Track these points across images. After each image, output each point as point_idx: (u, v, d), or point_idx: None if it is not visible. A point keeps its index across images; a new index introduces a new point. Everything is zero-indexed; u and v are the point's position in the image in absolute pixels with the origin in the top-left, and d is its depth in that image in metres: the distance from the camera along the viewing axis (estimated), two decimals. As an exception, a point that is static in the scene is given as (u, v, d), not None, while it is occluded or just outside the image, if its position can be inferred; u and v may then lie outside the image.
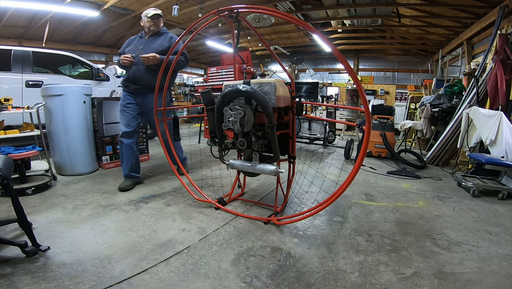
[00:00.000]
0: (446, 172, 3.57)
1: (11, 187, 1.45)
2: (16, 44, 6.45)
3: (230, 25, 2.27)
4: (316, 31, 1.53)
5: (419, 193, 2.75)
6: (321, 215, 2.14)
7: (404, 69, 9.17)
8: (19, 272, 1.36)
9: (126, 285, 1.31)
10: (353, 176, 1.59)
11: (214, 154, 2.22)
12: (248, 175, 2.33)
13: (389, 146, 4.11)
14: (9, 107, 2.65)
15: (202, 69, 12.44)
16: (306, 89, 5.10)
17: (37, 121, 2.72)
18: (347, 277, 1.40)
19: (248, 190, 2.71)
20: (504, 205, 2.47)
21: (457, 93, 4.74)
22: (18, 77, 3.78)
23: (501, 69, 3.24)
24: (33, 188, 2.45)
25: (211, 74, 5.27)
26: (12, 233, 1.74)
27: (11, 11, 5.48)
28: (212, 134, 2.13)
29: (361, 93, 1.49)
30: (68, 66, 4.98)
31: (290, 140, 2.16)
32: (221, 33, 7.60)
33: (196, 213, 2.13)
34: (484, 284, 1.37)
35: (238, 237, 1.79)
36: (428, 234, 1.89)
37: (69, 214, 2.06)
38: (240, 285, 1.33)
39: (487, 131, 2.99)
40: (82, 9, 5.41)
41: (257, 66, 10.20)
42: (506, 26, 3.59)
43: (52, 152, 3.10)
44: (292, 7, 5.72)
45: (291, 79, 2.24)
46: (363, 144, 1.54)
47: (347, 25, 6.83)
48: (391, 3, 5.14)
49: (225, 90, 1.92)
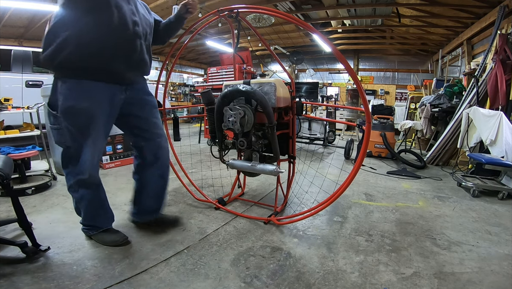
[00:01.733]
0: (446, 172, 3.57)
1: (11, 187, 1.45)
2: (16, 44, 6.45)
3: (230, 25, 2.27)
4: (316, 31, 1.53)
5: (419, 193, 2.75)
6: (321, 215, 2.14)
7: (404, 69, 9.17)
8: (19, 272, 1.36)
9: (126, 285, 1.31)
10: (353, 176, 1.59)
11: (214, 154, 2.22)
12: (248, 175, 2.33)
13: (389, 146, 4.11)
14: (9, 107, 2.65)
15: (202, 69, 12.43)
16: (306, 89, 5.11)
17: (37, 121, 2.72)
18: (347, 277, 1.40)
19: (248, 190, 2.71)
20: (504, 205, 2.47)
21: (457, 93, 4.74)
22: (18, 77, 3.78)
23: (501, 69, 3.24)
24: (33, 188, 2.45)
25: (211, 74, 5.27)
26: (12, 233, 1.74)
27: (11, 11, 5.48)
28: (212, 134, 2.13)
29: (361, 93, 1.49)
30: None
31: (290, 140, 2.16)
32: (221, 33, 7.60)
33: (196, 213, 2.13)
34: (484, 284, 1.37)
35: (238, 237, 1.79)
36: (428, 234, 1.89)
37: (69, 214, 2.05)
38: (240, 285, 1.33)
39: (487, 131, 2.99)
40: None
41: (257, 66, 10.20)
42: (506, 26, 3.59)
43: (52, 152, 3.10)
44: (292, 7, 5.72)
45: (291, 79, 2.24)
46: (363, 144, 1.54)
47: (347, 25, 6.82)
48: (391, 3, 5.14)
49: (225, 90, 1.92)
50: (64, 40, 1.34)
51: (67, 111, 1.45)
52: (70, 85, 1.44)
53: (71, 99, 1.44)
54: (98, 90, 1.48)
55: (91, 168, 1.55)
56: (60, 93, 1.45)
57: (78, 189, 1.59)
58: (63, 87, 1.44)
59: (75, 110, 1.45)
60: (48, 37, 1.38)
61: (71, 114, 1.45)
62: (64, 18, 1.37)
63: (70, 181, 1.59)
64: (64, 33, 1.34)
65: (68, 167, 1.57)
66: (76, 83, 1.44)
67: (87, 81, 1.45)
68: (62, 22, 1.37)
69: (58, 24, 1.37)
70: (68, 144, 1.51)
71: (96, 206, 1.65)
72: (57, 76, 1.47)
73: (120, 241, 1.66)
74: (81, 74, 1.43)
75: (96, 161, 1.60)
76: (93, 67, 1.44)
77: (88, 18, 1.36)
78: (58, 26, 1.36)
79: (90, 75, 1.45)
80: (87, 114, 1.47)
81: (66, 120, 1.46)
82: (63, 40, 1.34)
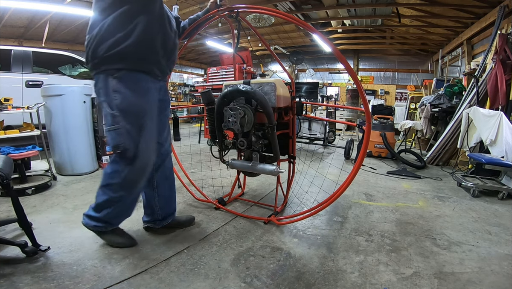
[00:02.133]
0: (446, 172, 3.57)
1: (11, 187, 1.45)
2: (16, 44, 6.46)
3: (230, 25, 2.27)
4: (316, 31, 1.53)
5: (419, 193, 2.75)
6: (321, 215, 2.14)
7: (404, 69, 9.17)
8: (19, 272, 1.36)
9: (126, 285, 1.31)
10: (353, 176, 1.59)
11: (214, 154, 2.22)
12: (248, 175, 2.33)
13: (389, 146, 4.11)
14: (9, 107, 2.65)
15: (202, 69, 12.43)
16: (306, 89, 5.11)
17: (37, 121, 2.72)
18: (347, 277, 1.40)
19: (248, 190, 2.71)
20: (504, 205, 2.47)
21: (457, 93, 4.74)
22: (18, 77, 3.78)
23: (501, 69, 3.24)
24: (33, 188, 2.45)
25: (211, 74, 5.27)
26: (12, 233, 1.74)
27: (11, 11, 5.48)
28: (212, 134, 2.13)
29: (361, 93, 1.49)
30: (68, 66, 4.97)
31: (290, 140, 2.16)
32: (221, 33, 7.60)
33: (196, 213, 2.13)
34: (484, 284, 1.37)
35: (238, 237, 1.79)
36: (428, 234, 1.89)
37: (69, 214, 2.06)
38: (240, 285, 1.33)
39: (487, 131, 2.99)
40: (82, 9, 5.40)
41: (257, 66, 10.20)
42: (506, 26, 3.59)
43: (52, 152, 3.10)
44: (292, 7, 5.72)
45: (291, 79, 2.24)
46: (363, 144, 1.54)
47: (347, 25, 6.82)
48: (391, 3, 5.14)
49: (225, 90, 1.92)
50: (127, 33, 1.34)
51: (127, 108, 1.39)
52: (127, 81, 1.39)
53: (131, 96, 1.39)
54: (150, 86, 1.47)
55: (149, 168, 1.52)
56: (116, 91, 1.39)
57: (119, 189, 1.50)
58: (120, 85, 1.38)
59: (136, 107, 1.41)
60: (108, 29, 1.34)
61: (131, 112, 1.40)
62: (123, 12, 1.35)
63: (113, 180, 1.48)
64: (125, 26, 1.34)
65: (118, 164, 1.47)
66: (134, 78, 1.41)
67: (143, 76, 1.44)
68: (123, 15, 1.35)
69: (117, 17, 1.35)
70: (127, 145, 1.42)
71: (127, 207, 1.59)
72: (110, 73, 1.39)
73: (128, 245, 1.63)
74: (139, 68, 1.42)
75: (153, 160, 1.56)
76: (148, 62, 1.44)
77: (145, 14, 1.38)
78: (117, 19, 1.35)
79: (146, 70, 1.44)
80: (146, 110, 1.45)
81: (125, 119, 1.40)
82: (127, 32, 1.34)
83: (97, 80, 1.45)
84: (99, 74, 1.43)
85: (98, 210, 1.57)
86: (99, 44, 1.36)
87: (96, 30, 1.37)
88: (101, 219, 1.57)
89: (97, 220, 1.58)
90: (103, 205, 1.55)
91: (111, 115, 1.41)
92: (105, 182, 1.51)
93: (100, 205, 1.55)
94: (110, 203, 1.53)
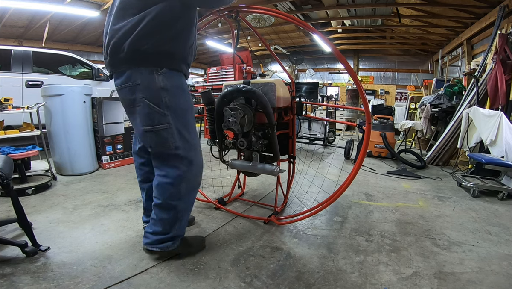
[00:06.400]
0: (446, 172, 3.57)
1: (11, 187, 1.45)
2: (16, 44, 6.46)
3: (230, 25, 2.27)
4: (316, 31, 1.53)
5: (419, 193, 2.75)
6: (321, 215, 2.14)
7: (404, 69, 9.17)
8: (19, 272, 1.36)
9: (126, 285, 1.31)
10: (353, 176, 1.59)
11: (214, 154, 2.22)
12: (248, 175, 2.33)
13: (389, 146, 4.11)
14: (9, 107, 2.65)
15: (202, 69, 12.43)
16: (306, 89, 5.11)
17: (37, 121, 2.72)
18: (347, 277, 1.40)
19: (248, 190, 2.71)
20: (504, 205, 2.47)
21: (457, 93, 4.74)
22: (18, 77, 3.78)
23: (501, 69, 3.24)
24: (33, 188, 2.45)
25: (211, 74, 5.27)
26: (12, 233, 1.74)
27: (11, 11, 5.48)
28: (212, 134, 2.13)
29: (361, 93, 1.49)
30: (68, 66, 4.97)
31: (290, 140, 2.16)
32: (221, 33, 7.60)
33: (196, 213, 2.13)
34: (484, 284, 1.37)
35: (238, 237, 1.79)
36: (428, 234, 1.89)
37: (69, 214, 2.06)
38: (240, 285, 1.33)
39: (487, 131, 2.99)
40: (82, 9, 5.41)
41: (257, 66, 10.19)
42: (506, 26, 3.59)
43: (52, 152, 3.10)
44: (292, 7, 5.72)
45: (291, 79, 2.24)
46: (363, 144, 1.54)
47: (347, 25, 6.82)
48: (391, 3, 5.14)
49: (225, 90, 1.92)
50: (176, 33, 1.31)
51: (177, 106, 1.36)
52: (175, 79, 1.36)
53: (179, 94, 1.37)
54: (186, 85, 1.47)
55: (202, 166, 1.50)
56: (164, 88, 1.32)
57: (189, 192, 1.44)
58: (168, 82, 1.33)
59: (184, 105, 1.39)
60: (153, 23, 1.25)
61: (180, 109, 1.37)
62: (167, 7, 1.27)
63: (177, 187, 1.39)
64: (171, 24, 1.29)
65: (178, 168, 1.39)
66: (178, 76, 1.38)
67: (182, 75, 1.43)
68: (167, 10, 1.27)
69: (161, 13, 1.26)
70: (177, 144, 1.36)
71: (190, 209, 1.53)
72: (155, 69, 1.31)
73: (203, 245, 1.63)
74: (179, 68, 1.38)
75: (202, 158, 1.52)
76: (186, 63, 1.44)
77: (190, 14, 1.37)
78: (161, 15, 1.26)
79: (183, 70, 1.43)
80: (191, 108, 1.42)
81: (176, 117, 1.35)
82: (177, 32, 1.31)
83: (130, 75, 1.32)
84: (136, 68, 1.31)
85: (167, 229, 1.45)
86: (142, 38, 1.25)
87: (135, 19, 1.24)
88: (175, 233, 1.48)
89: (168, 238, 1.47)
90: (173, 220, 1.45)
91: (159, 114, 1.33)
92: (167, 192, 1.41)
93: (168, 222, 1.45)
94: (185, 211, 1.48)
